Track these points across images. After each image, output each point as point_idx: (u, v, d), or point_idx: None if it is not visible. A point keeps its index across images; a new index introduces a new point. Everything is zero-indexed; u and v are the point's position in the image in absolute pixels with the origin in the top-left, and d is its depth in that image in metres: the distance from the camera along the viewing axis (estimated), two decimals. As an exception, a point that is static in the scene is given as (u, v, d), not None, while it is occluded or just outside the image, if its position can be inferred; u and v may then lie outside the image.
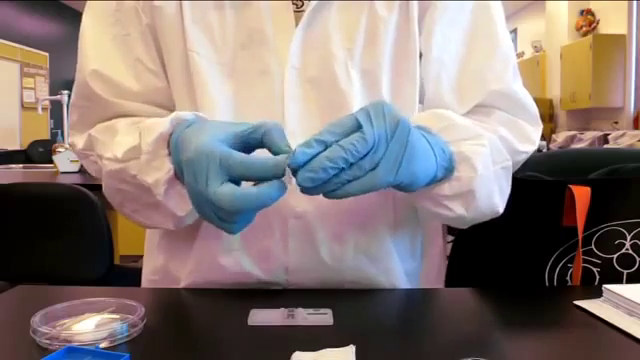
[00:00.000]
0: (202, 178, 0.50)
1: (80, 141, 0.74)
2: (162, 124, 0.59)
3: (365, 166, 0.50)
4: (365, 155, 0.50)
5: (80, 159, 0.76)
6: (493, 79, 0.72)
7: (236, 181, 0.51)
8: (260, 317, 0.58)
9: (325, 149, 0.49)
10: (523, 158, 0.74)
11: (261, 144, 0.53)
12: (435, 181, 0.60)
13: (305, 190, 0.50)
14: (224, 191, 0.49)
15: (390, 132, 0.51)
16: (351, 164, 0.50)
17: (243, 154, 0.51)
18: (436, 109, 0.66)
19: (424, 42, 0.71)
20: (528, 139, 0.73)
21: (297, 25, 0.67)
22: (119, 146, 0.63)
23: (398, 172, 0.52)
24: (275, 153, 0.52)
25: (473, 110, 0.73)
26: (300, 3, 0.69)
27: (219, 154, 0.50)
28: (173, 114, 0.61)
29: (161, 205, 0.62)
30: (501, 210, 0.65)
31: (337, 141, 0.49)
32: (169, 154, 0.60)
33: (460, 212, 0.62)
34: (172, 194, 0.61)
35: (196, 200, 0.53)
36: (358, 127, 0.50)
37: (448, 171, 0.61)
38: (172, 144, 0.59)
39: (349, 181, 0.50)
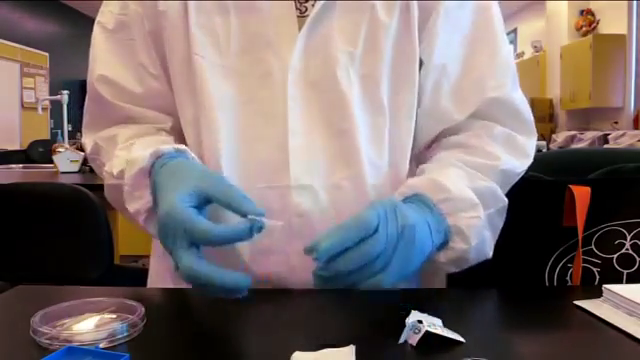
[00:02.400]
0: (169, 240, 0.54)
1: (89, 145, 0.78)
2: (142, 159, 0.63)
3: (376, 266, 0.55)
4: (377, 257, 0.54)
5: (90, 161, 0.81)
6: (492, 86, 0.73)
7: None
8: None
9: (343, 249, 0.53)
10: (520, 176, 0.75)
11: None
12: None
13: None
14: (184, 263, 0.52)
15: (398, 233, 0.56)
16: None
17: (206, 223, 0.53)
18: (436, 177, 0.66)
19: (425, 49, 0.72)
20: (525, 155, 0.75)
21: (300, 29, 0.68)
22: (116, 163, 0.68)
23: (405, 269, 0.57)
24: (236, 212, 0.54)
25: (474, 125, 0.74)
26: (304, 8, 0.70)
27: (183, 223, 0.53)
28: (153, 148, 0.64)
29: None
30: (490, 255, 0.69)
31: (356, 243, 0.54)
32: (150, 184, 0.63)
33: (452, 270, 0.68)
34: (152, 220, 0.64)
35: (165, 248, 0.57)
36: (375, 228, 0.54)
37: (443, 243, 0.64)
38: (152, 177, 0.62)
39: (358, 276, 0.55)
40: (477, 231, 0.65)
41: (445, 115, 0.73)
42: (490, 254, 0.69)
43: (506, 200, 0.70)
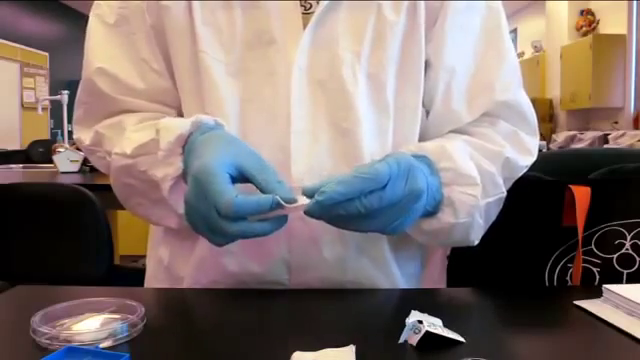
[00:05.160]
0: (201, 195, 0.54)
1: (87, 137, 0.75)
2: (182, 125, 0.63)
3: (368, 217, 0.56)
4: (374, 211, 0.55)
5: (87, 155, 0.78)
6: (501, 89, 0.73)
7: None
8: None
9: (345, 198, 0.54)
10: (523, 171, 0.75)
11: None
12: None
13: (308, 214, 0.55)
14: (226, 197, 0.53)
15: (402, 196, 0.57)
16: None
17: (232, 196, 0.53)
18: (445, 145, 0.66)
19: (435, 50, 0.72)
20: (529, 152, 0.74)
21: (305, 27, 0.67)
22: (129, 142, 0.66)
23: (389, 226, 0.58)
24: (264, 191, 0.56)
25: (479, 119, 0.73)
26: (308, 5, 0.69)
27: (214, 183, 0.54)
28: (194, 117, 0.63)
29: (165, 201, 0.65)
30: (476, 243, 0.69)
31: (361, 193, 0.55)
32: (182, 153, 0.62)
33: (425, 241, 0.69)
34: (176, 190, 0.63)
35: (190, 207, 0.56)
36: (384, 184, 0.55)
37: (431, 212, 0.64)
38: (187, 146, 0.62)
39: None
40: (468, 210, 0.64)
41: (455, 117, 0.73)
42: (475, 242, 0.68)
43: (505, 191, 0.70)
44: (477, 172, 0.65)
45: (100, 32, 0.73)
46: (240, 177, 0.57)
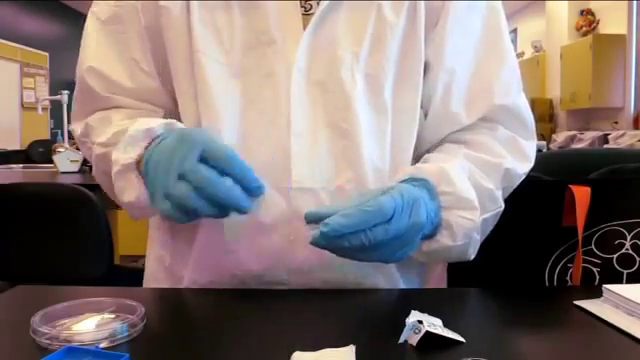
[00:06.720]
0: (185, 141, 0.56)
1: (79, 128, 0.77)
2: (157, 123, 0.64)
3: (372, 249, 0.56)
4: (378, 244, 0.56)
5: (79, 145, 0.81)
6: (500, 93, 0.73)
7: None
8: None
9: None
10: (522, 178, 0.75)
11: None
12: None
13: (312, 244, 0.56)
14: (201, 173, 0.54)
15: (406, 229, 0.57)
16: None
17: (211, 172, 0.54)
18: (445, 167, 0.66)
19: (435, 51, 0.72)
20: (527, 158, 0.75)
21: (304, 28, 0.67)
22: (108, 131, 0.69)
23: (393, 257, 0.59)
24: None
25: (478, 126, 0.73)
26: (308, 6, 0.69)
27: (202, 142, 0.55)
28: (168, 120, 0.65)
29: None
30: (472, 257, 0.68)
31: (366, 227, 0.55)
32: (147, 148, 0.62)
33: (424, 260, 0.68)
34: (120, 178, 0.64)
35: (154, 183, 0.57)
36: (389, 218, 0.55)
37: (430, 235, 0.64)
38: (153, 145, 0.62)
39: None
40: (466, 233, 0.64)
41: (454, 119, 0.73)
42: (472, 257, 0.68)
43: (502, 205, 0.70)
44: (475, 194, 0.65)
45: (93, 30, 0.74)
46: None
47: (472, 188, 0.66)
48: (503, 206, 0.70)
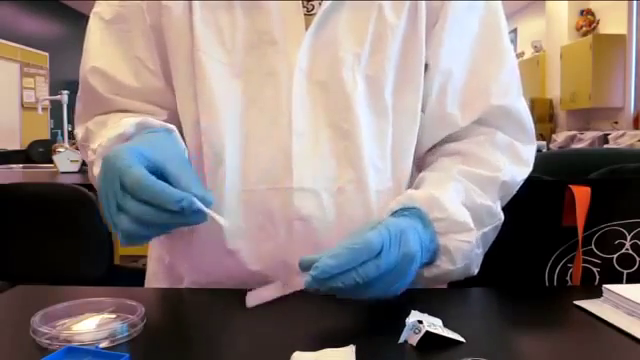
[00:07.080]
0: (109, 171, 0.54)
1: (80, 133, 0.76)
2: (128, 125, 0.63)
3: (367, 286, 0.55)
4: (371, 279, 0.54)
5: (80, 150, 0.80)
6: (498, 93, 0.72)
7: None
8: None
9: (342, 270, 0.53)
10: (520, 185, 0.75)
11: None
12: None
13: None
14: (133, 175, 0.52)
15: (397, 261, 0.56)
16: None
17: (143, 171, 0.53)
18: (435, 194, 0.65)
19: (432, 52, 0.71)
20: (525, 163, 0.75)
21: (307, 28, 0.67)
22: (98, 138, 0.68)
23: (389, 291, 0.58)
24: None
25: (477, 131, 0.73)
26: (311, 6, 0.69)
27: (122, 168, 0.52)
28: (141, 118, 0.64)
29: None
30: (475, 272, 0.68)
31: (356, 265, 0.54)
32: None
33: (427, 284, 0.67)
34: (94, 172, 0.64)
35: (99, 189, 0.56)
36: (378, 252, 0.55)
37: (429, 261, 0.64)
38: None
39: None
40: (465, 254, 0.64)
41: (450, 120, 0.73)
42: (475, 272, 0.68)
43: (502, 217, 0.71)
44: (469, 215, 0.65)
45: (97, 30, 0.74)
46: (156, 172, 0.55)
47: (465, 209, 0.66)
48: (503, 218, 0.71)
